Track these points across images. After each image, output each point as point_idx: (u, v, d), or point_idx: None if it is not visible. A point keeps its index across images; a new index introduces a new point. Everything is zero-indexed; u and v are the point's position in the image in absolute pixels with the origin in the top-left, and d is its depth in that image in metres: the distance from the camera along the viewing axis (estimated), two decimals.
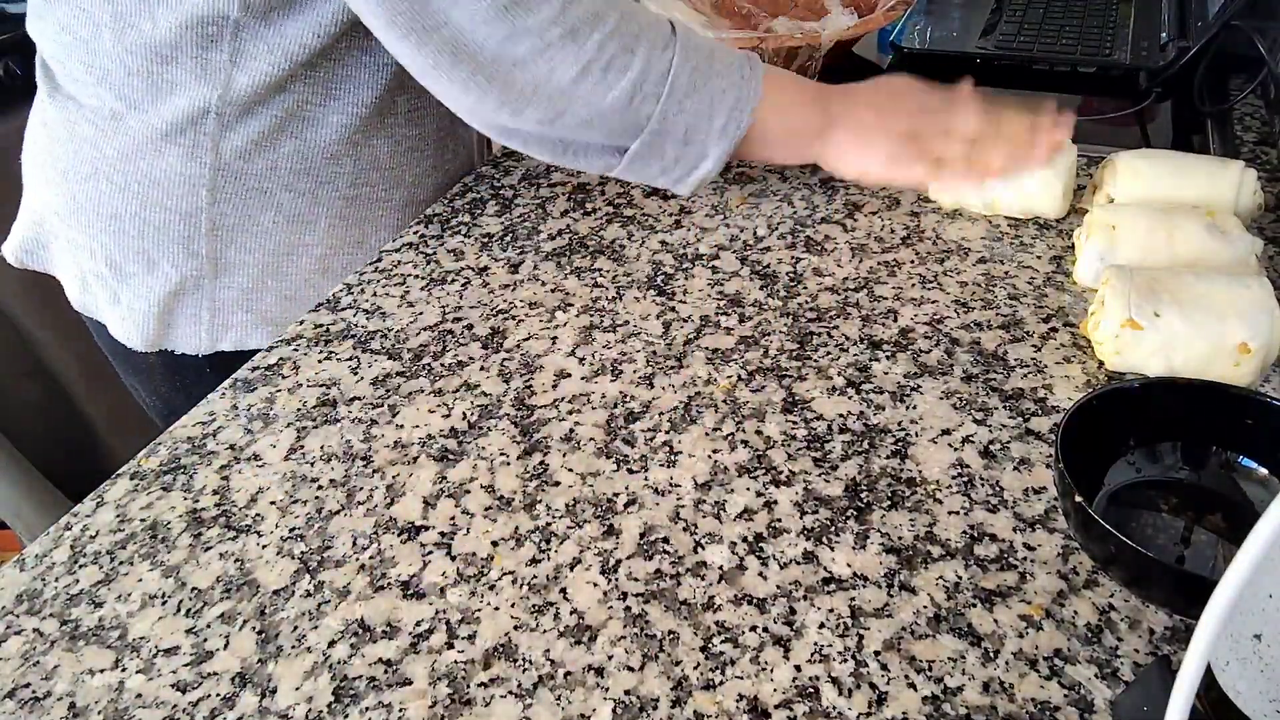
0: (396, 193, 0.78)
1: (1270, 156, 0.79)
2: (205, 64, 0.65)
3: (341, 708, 0.42)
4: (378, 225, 0.78)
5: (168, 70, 0.65)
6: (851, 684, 0.41)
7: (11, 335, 1.10)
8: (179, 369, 0.76)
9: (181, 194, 0.69)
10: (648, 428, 0.56)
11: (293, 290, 0.74)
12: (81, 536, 0.51)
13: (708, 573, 0.47)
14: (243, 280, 0.73)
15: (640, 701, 0.41)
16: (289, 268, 0.74)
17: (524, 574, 0.47)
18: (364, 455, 0.55)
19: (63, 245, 0.76)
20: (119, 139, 0.68)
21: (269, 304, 0.74)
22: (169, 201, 0.69)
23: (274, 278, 0.74)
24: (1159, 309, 0.54)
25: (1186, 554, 0.46)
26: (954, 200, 0.74)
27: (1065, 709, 0.40)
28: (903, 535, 0.48)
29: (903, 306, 0.64)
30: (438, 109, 0.76)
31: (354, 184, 0.74)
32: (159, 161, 0.68)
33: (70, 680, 0.44)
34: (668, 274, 0.69)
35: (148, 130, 0.67)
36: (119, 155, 0.69)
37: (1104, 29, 1.00)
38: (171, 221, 0.70)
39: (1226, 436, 0.49)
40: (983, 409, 0.56)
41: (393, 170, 0.77)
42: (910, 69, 1.02)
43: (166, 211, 0.70)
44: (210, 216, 0.70)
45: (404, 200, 0.79)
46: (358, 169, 0.74)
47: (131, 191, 0.69)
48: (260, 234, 0.72)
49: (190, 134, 0.67)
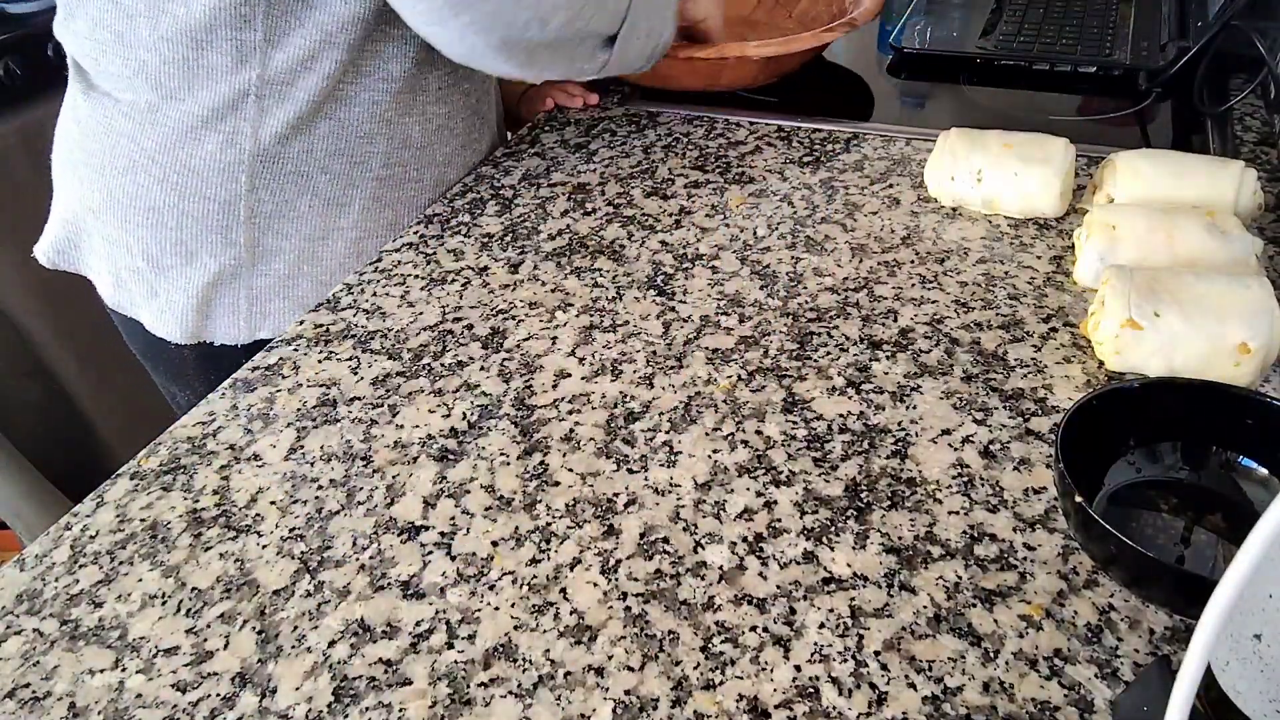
0: (428, 172, 0.79)
1: (1270, 156, 0.79)
2: (240, 45, 0.65)
3: (341, 708, 0.42)
4: (409, 206, 0.79)
5: (204, 56, 0.66)
6: (851, 684, 0.41)
7: (11, 335, 1.10)
8: (217, 362, 0.76)
9: (220, 182, 0.70)
10: (648, 428, 0.56)
11: (328, 275, 0.75)
12: (81, 536, 0.51)
13: (708, 573, 0.47)
14: (280, 267, 0.74)
15: (640, 701, 0.41)
16: (324, 252, 0.75)
17: (524, 574, 0.47)
18: (364, 455, 0.55)
19: (97, 243, 0.77)
20: (157, 131, 0.69)
21: (305, 290, 0.75)
22: (208, 190, 0.70)
23: (310, 263, 0.74)
24: (1159, 309, 0.54)
25: (1186, 554, 0.46)
26: (954, 199, 0.74)
27: (1065, 709, 0.40)
28: (903, 535, 0.48)
29: (903, 306, 0.64)
30: (467, 86, 0.79)
31: (386, 164, 0.75)
32: (198, 150, 0.69)
33: (70, 680, 0.44)
34: (668, 274, 0.69)
35: (186, 120, 0.68)
36: (157, 147, 0.69)
37: (1104, 29, 1.00)
38: (210, 211, 0.71)
39: (1226, 436, 0.49)
40: (983, 409, 0.56)
41: (424, 149, 0.78)
42: (910, 69, 1.03)
43: (205, 201, 0.71)
44: (249, 204, 0.71)
45: (435, 180, 0.80)
46: (390, 148, 0.75)
47: (170, 183, 0.70)
48: (297, 219, 0.73)
49: (230, 120, 0.68)
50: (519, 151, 0.88)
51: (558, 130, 0.91)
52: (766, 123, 0.90)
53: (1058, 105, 0.93)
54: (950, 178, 0.73)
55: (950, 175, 0.73)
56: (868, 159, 0.83)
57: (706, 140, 0.88)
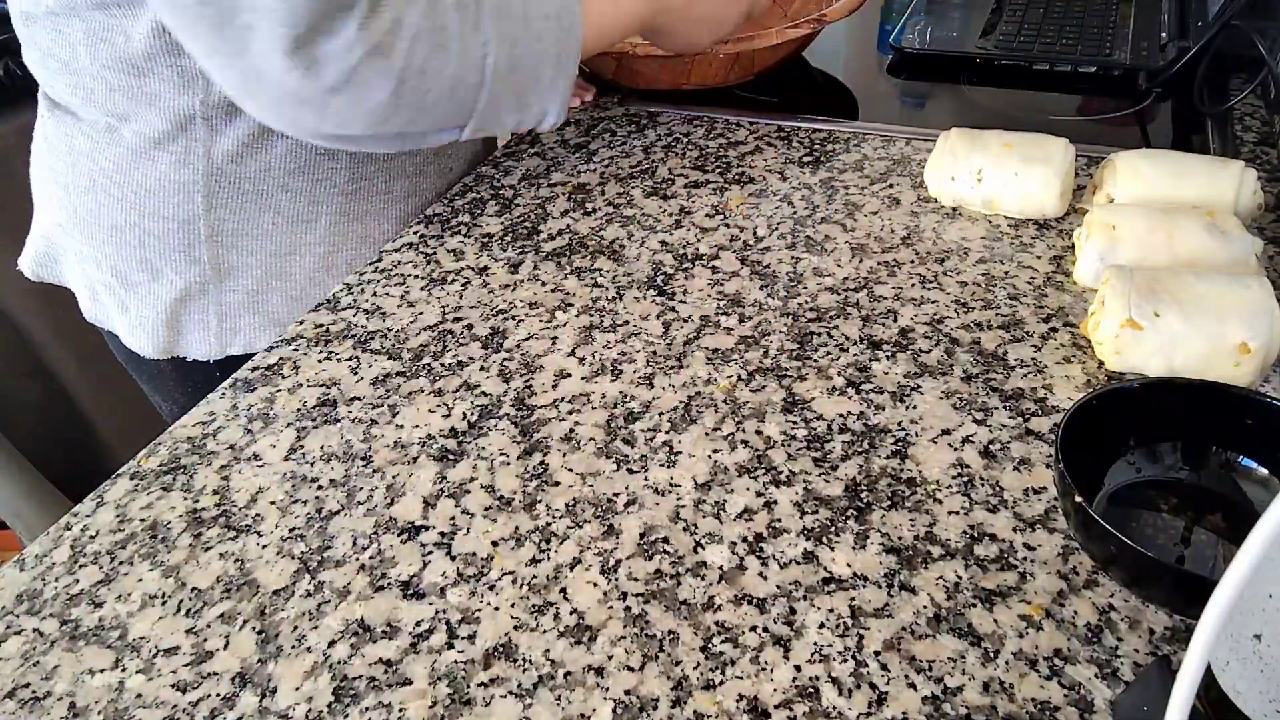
0: (397, 183, 0.78)
1: (1270, 156, 0.79)
2: (182, 71, 0.64)
3: (341, 708, 0.42)
4: (380, 218, 0.77)
5: (147, 83, 0.65)
6: (851, 684, 0.41)
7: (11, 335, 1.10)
8: (192, 375, 0.76)
9: (177, 202, 0.69)
10: (648, 428, 0.56)
11: (298, 290, 0.74)
12: (81, 536, 0.51)
13: (708, 573, 0.47)
14: (247, 283, 0.73)
15: (640, 701, 0.41)
16: (292, 268, 0.74)
17: (524, 574, 0.47)
18: (364, 455, 0.55)
19: (70, 258, 0.77)
20: (114, 150, 0.68)
21: (275, 305, 0.74)
22: (165, 210, 0.69)
23: (278, 279, 0.73)
24: (1159, 309, 0.54)
25: (1186, 554, 0.46)
26: (954, 199, 0.74)
27: (1065, 709, 0.40)
28: (903, 535, 0.48)
29: (903, 306, 0.64)
30: None
31: (352, 179, 0.74)
32: (153, 170, 0.68)
33: (70, 680, 0.44)
34: (668, 274, 0.69)
35: (141, 140, 0.67)
36: (114, 167, 0.69)
37: (1104, 29, 1.00)
38: (170, 230, 0.70)
39: (1226, 436, 0.49)
40: (983, 409, 0.56)
41: (391, 160, 0.76)
42: (910, 69, 1.03)
43: (164, 220, 0.70)
44: (208, 223, 0.70)
45: (405, 191, 0.79)
46: (354, 162, 0.74)
47: (129, 202, 0.69)
48: (260, 236, 0.72)
49: (181, 141, 0.67)
50: (519, 151, 0.88)
51: (558, 130, 0.91)
52: (766, 123, 0.90)
53: (1058, 105, 0.93)
54: (950, 178, 0.73)
55: (950, 175, 0.73)
56: (868, 159, 0.83)
57: (706, 140, 0.88)
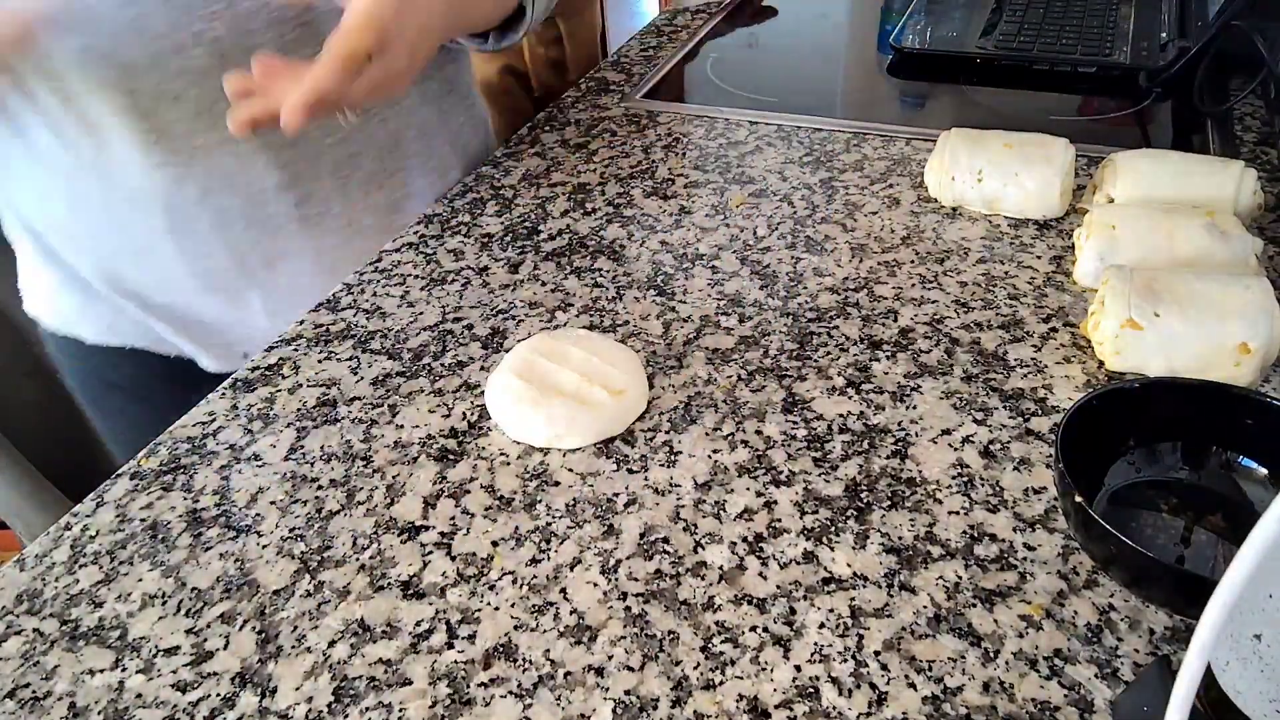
0: None
1: (1270, 156, 0.79)
2: None
3: (341, 708, 0.42)
4: None
5: None
6: (851, 684, 0.41)
7: (11, 335, 1.10)
8: None
9: None
10: (648, 428, 0.56)
11: None
12: (81, 536, 0.51)
13: (708, 573, 0.47)
14: None
15: (640, 701, 0.41)
16: None
17: (524, 574, 0.47)
18: (364, 455, 0.55)
19: None
20: None
21: None
22: None
23: None
24: (1159, 309, 0.54)
25: (1186, 554, 0.46)
26: (954, 199, 0.74)
27: (1065, 709, 0.40)
28: (903, 535, 0.48)
29: (903, 306, 0.64)
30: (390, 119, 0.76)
31: None
32: None
33: (70, 680, 0.44)
34: (668, 274, 0.69)
35: None
36: None
37: (1104, 29, 1.00)
38: None
39: (1226, 436, 0.49)
40: (983, 409, 0.56)
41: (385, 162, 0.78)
42: (910, 69, 1.03)
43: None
44: None
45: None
46: None
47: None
48: None
49: None
50: (519, 151, 0.88)
51: (558, 130, 0.91)
52: (766, 123, 0.90)
53: (1058, 105, 0.93)
54: (950, 178, 0.73)
55: (950, 175, 0.73)
56: (868, 159, 0.83)
57: (706, 140, 0.88)
